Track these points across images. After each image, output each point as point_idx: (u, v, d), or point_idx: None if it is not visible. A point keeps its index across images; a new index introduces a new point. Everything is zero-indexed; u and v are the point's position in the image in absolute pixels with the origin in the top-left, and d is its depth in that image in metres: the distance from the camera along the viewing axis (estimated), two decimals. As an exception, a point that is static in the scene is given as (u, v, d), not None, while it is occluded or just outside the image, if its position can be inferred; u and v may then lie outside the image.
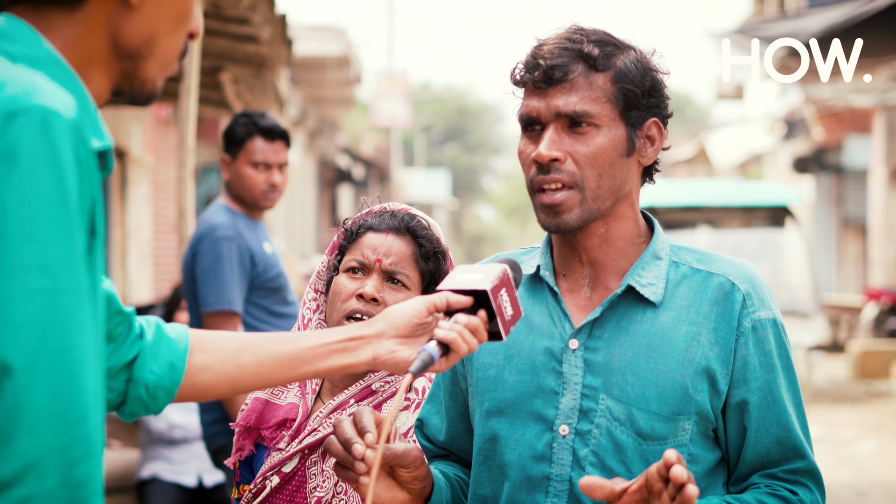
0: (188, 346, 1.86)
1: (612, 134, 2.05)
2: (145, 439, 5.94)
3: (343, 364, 1.87)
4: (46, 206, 1.33)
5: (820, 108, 19.07)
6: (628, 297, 2.10)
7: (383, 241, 2.45)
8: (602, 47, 2.05)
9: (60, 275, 1.34)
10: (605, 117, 2.04)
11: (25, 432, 1.30)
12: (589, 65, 2.04)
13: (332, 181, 31.85)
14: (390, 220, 2.48)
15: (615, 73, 2.05)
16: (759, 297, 2.10)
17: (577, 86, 2.03)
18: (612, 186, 2.06)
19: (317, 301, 2.57)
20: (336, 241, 2.54)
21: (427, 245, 2.47)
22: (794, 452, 2.09)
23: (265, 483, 2.45)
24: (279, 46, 8.45)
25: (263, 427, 2.52)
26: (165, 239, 13.73)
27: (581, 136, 2.04)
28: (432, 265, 2.47)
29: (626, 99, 2.05)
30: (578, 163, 2.04)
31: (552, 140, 2.04)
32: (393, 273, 2.43)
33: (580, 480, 1.84)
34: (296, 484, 2.44)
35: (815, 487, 2.11)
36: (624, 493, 1.85)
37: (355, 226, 2.51)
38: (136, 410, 1.84)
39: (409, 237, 2.47)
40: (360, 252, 2.45)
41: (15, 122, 1.33)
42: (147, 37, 1.56)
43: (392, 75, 32.41)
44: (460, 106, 62.88)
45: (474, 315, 1.87)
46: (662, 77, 2.11)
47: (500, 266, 1.92)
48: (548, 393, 2.09)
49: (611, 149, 2.04)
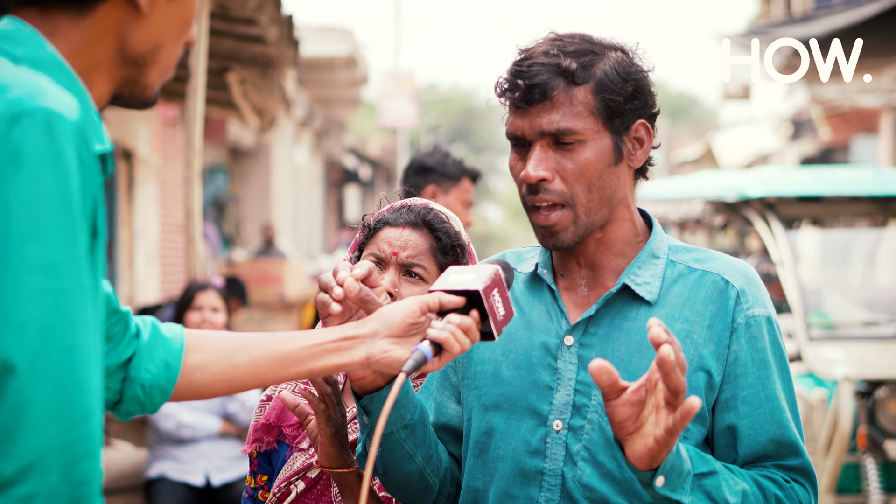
0: (184, 345, 1.87)
1: (598, 146, 2.05)
2: (153, 439, 5.96)
3: (337, 363, 1.88)
4: (50, 207, 1.35)
5: (827, 109, 19.04)
6: (624, 295, 2.11)
7: (400, 234, 2.45)
8: (580, 58, 2.04)
9: (64, 275, 1.35)
10: (589, 131, 2.04)
11: (28, 431, 1.32)
12: (568, 80, 2.03)
13: (338, 182, 31.87)
14: (407, 215, 2.48)
15: (595, 83, 2.04)
16: (753, 294, 2.10)
17: (557, 103, 2.03)
18: (603, 197, 2.07)
19: None
20: (357, 239, 2.55)
21: (445, 238, 2.46)
22: (788, 450, 2.08)
23: (290, 488, 2.45)
24: (286, 47, 8.46)
25: (285, 425, 2.52)
26: (173, 239, 13.75)
27: (567, 153, 2.04)
28: (451, 258, 2.46)
29: (608, 108, 2.04)
30: (566, 180, 2.05)
31: (539, 159, 2.05)
32: (410, 266, 2.42)
33: (591, 363, 1.84)
34: (321, 487, 2.45)
35: (809, 486, 2.10)
36: (624, 390, 1.85)
37: (374, 222, 2.51)
38: (132, 409, 1.85)
39: (427, 230, 2.46)
40: (378, 246, 2.45)
41: (19, 125, 1.35)
42: (154, 44, 1.58)
43: (399, 76, 32.40)
44: (467, 106, 62.82)
45: (467, 315, 1.89)
46: (646, 75, 2.10)
47: (491, 267, 1.94)
48: (542, 388, 2.11)
49: (597, 161, 2.05)
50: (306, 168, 24.71)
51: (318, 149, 26.58)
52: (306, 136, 23.65)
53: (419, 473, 2.18)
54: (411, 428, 2.12)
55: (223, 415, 5.94)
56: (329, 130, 26.18)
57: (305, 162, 23.91)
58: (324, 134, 25.90)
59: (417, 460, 2.16)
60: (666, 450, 1.85)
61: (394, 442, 2.12)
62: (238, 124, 15.95)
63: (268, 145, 19.55)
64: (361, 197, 35.28)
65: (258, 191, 20.42)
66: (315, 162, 26.80)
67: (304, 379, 1.91)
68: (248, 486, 2.59)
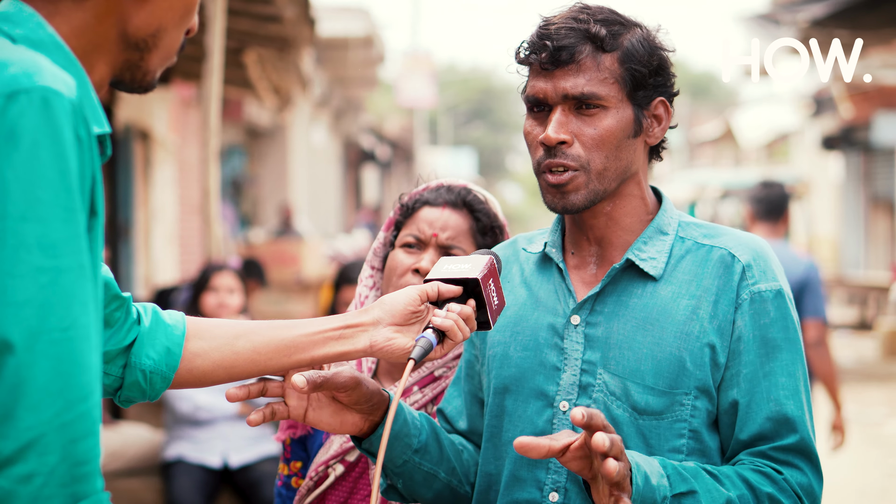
0: (185, 332, 1.88)
1: (620, 115, 2.04)
2: (170, 420, 5.95)
3: (339, 351, 1.89)
4: (48, 185, 1.34)
5: (848, 86, 18.90)
6: (630, 271, 2.09)
7: (440, 215, 2.44)
8: (609, 27, 2.04)
9: (62, 253, 1.35)
10: (613, 98, 2.04)
11: (27, 410, 1.31)
12: (596, 45, 2.03)
13: (356, 161, 31.87)
14: (447, 195, 2.47)
15: (622, 53, 2.04)
16: (760, 269, 2.07)
17: (584, 67, 2.02)
18: (619, 168, 2.06)
19: (373, 278, 2.56)
20: (392, 217, 2.53)
21: (484, 220, 2.46)
22: (785, 427, 2.02)
23: (328, 472, 2.44)
24: (303, 26, 8.43)
25: None
26: (190, 220, 13.76)
27: (589, 118, 2.04)
28: (489, 240, 2.45)
29: (633, 79, 2.05)
30: (585, 145, 2.04)
31: (560, 122, 2.04)
32: (449, 248, 2.41)
33: (515, 441, 1.83)
34: (359, 471, 2.44)
35: (809, 468, 2.03)
36: (567, 448, 1.84)
37: (411, 201, 2.50)
38: (133, 396, 1.87)
39: (466, 211, 2.45)
40: (416, 227, 2.44)
41: (16, 102, 1.34)
42: (155, 29, 1.58)
43: (416, 55, 32.35)
44: (485, 86, 62.76)
45: (465, 304, 1.91)
46: (668, 55, 2.10)
47: (486, 256, 1.96)
48: (549, 369, 2.10)
49: (618, 130, 2.04)
50: (324, 148, 24.70)
51: (336, 129, 26.56)
52: (324, 116, 23.63)
53: (447, 488, 2.19)
54: (423, 450, 2.13)
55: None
56: (346, 110, 26.15)
57: (323, 142, 23.90)
58: (341, 114, 25.88)
59: (441, 476, 2.17)
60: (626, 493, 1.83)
61: (412, 468, 2.13)
62: (255, 104, 15.93)
63: (285, 125, 19.54)
64: (379, 177, 35.28)
65: (275, 171, 20.42)
66: (333, 142, 26.80)
67: (306, 366, 1.91)
68: (280, 475, 2.58)
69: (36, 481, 1.31)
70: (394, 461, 2.10)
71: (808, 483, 2.03)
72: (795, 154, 28.30)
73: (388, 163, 34.13)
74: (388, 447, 2.07)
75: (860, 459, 8.57)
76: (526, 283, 2.20)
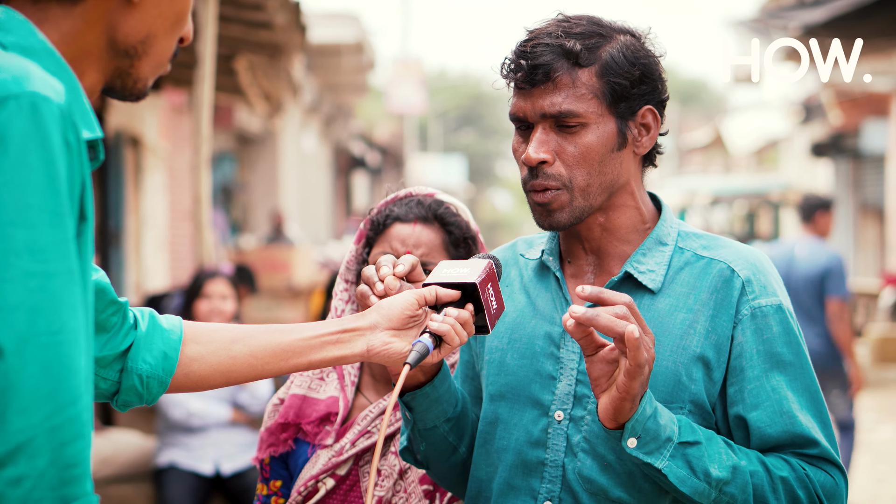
0: (182, 336, 1.88)
1: (601, 130, 2.02)
2: (162, 427, 5.94)
3: (336, 356, 1.89)
4: (36, 190, 1.35)
5: (837, 93, 18.95)
6: (628, 283, 2.08)
7: (411, 231, 2.41)
8: (585, 40, 2.01)
9: (51, 258, 1.35)
10: (593, 114, 2.01)
11: (17, 413, 1.32)
12: (572, 62, 2.00)
13: (346, 168, 31.84)
14: (417, 209, 2.43)
15: (601, 66, 2.01)
16: (760, 283, 2.05)
17: (560, 85, 2.00)
18: (603, 182, 2.04)
19: (348, 291, 2.53)
20: (363, 231, 2.49)
21: (456, 232, 2.43)
22: (803, 440, 2.02)
23: (318, 486, 2.42)
24: (293, 33, 8.43)
25: (304, 422, 2.48)
26: (181, 226, 13.74)
27: (569, 136, 2.02)
28: (463, 251, 2.43)
29: (613, 92, 2.01)
30: (566, 163, 2.02)
31: (540, 141, 2.03)
32: (423, 265, 2.36)
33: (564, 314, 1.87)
34: (349, 484, 2.43)
35: (836, 473, 2.02)
36: (603, 346, 1.89)
37: (381, 216, 2.46)
38: (130, 400, 1.87)
39: (438, 225, 2.43)
40: (389, 245, 2.41)
41: (5, 108, 1.35)
42: (145, 36, 1.58)
43: (407, 62, 32.36)
44: (475, 93, 62.75)
45: (462, 308, 1.91)
46: (656, 60, 2.07)
47: (484, 261, 1.96)
48: (545, 378, 2.09)
49: (600, 146, 2.02)
50: (314, 154, 24.68)
51: (326, 135, 26.55)
52: (314, 123, 23.61)
53: (462, 465, 2.20)
54: (454, 420, 2.14)
55: (233, 403, 5.92)
56: (337, 117, 26.14)
57: (313, 148, 23.88)
58: (331, 120, 25.87)
59: (461, 451, 2.19)
60: (629, 400, 1.85)
61: (438, 436, 2.13)
62: (246, 111, 15.92)
63: (276, 132, 19.52)
64: (369, 183, 35.25)
65: (266, 177, 20.40)
66: (323, 148, 26.78)
67: (303, 371, 1.91)
68: (259, 495, 2.54)
69: (25, 484, 1.32)
70: (425, 423, 2.11)
71: (832, 485, 2.01)
72: (785, 161, 28.35)
73: (378, 169, 34.09)
74: (427, 409, 2.08)
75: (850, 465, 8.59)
76: (525, 289, 2.19)
